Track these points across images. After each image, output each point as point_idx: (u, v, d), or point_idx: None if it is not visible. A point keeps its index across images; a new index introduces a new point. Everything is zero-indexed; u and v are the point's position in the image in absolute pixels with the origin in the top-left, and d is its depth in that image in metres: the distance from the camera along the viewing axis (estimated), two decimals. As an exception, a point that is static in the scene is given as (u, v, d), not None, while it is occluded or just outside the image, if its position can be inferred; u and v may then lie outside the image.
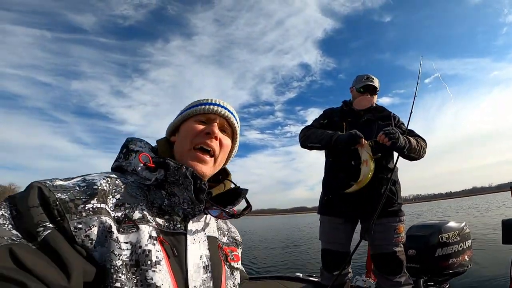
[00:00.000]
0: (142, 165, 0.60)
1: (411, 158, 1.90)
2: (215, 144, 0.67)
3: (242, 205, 0.73)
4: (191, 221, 0.61)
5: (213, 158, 0.68)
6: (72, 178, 0.53)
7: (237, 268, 0.74)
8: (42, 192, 0.44)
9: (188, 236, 0.59)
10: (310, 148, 2.02)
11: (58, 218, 0.44)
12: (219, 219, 0.76)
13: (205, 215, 0.66)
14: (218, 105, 0.71)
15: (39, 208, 0.43)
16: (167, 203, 0.60)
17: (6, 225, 0.41)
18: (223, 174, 0.78)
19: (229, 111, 0.72)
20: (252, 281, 2.97)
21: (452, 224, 2.56)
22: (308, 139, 1.97)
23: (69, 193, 0.47)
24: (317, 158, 2.19)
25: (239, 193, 0.73)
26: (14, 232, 0.41)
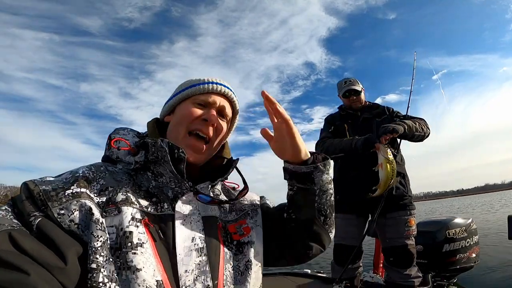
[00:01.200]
0: (122, 151, 0.60)
1: (418, 138, 1.97)
2: (211, 131, 0.65)
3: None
4: (179, 201, 0.58)
5: (208, 145, 0.66)
6: (62, 174, 0.54)
7: (248, 242, 0.65)
8: (28, 186, 0.48)
9: (176, 217, 0.56)
10: (335, 160, 2.15)
11: (42, 207, 0.46)
12: (219, 195, 0.71)
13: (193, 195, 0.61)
14: (217, 83, 0.68)
15: (27, 200, 0.46)
16: (155, 184, 0.59)
17: (8, 216, 0.45)
18: (220, 149, 0.75)
19: (229, 89, 0.70)
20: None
21: (458, 220, 2.59)
22: (329, 151, 2.07)
23: (53, 184, 0.49)
24: None
25: (230, 163, 0.71)
26: (15, 221, 0.44)
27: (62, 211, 0.46)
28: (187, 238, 0.55)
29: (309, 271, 3.19)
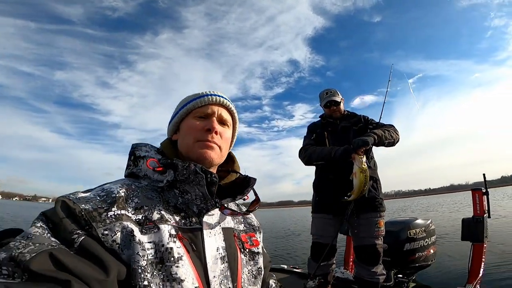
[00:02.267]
0: (151, 170, 0.65)
1: (388, 145, 2.18)
2: (216, 139, 0.70)
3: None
4: (205, 216, 0.65)
5: (218, 146, 0.71)
6: (92, 189, 0.58)
7: (258, 253, 0.76)
8: (67, 204, 0.50)
9: (204, 230, 0.63)
10: (316, 165, 2.35)
11: (86, 227, 0.49)
12: (233, 207, 0.82)
13: (218, 209, 0.69)
14: (213, 94, 0.74)
15: (68, 219, 0.49)
16: (181, 201, 0.64)
17: (45, 234, 0.46)
18: (230, 162, 0.83)
19: (224, 98, 0.75)
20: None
21: (419, 221, 2.87)
22: (312, 159, 2.26)
23: (91, 203, 0.52)
24: None
25: (248, 181, 0.76)
26: (53, 239, 0.46)
27: (106, 232, 0.50)
28: (213, 248, 0.63)
29: (285, 266, 3.37)
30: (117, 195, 0.56)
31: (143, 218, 0.56)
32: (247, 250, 0.74)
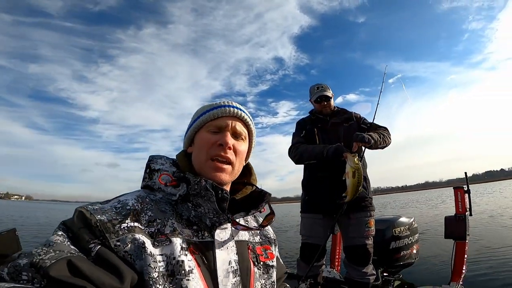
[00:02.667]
0: (163, 184, 0.66)
1: (381, 148, 2.16)
2: (230, 154, 0.69)
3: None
4: (217, 230, 0.65)
5: (230, 165, 0.70)
6: (109, 201, 0.60)
7: (272, 266, 0.75)
8: (84, 215, 0.53)
9: (215, 244, 0.63)
10: (307, 164, 2.27)
11: (101, 237, 0.51)
12: (249, 221, 0.80)
13: (230, 225, 0.69)
14: (227, 106, 0.72)
15: (85, 229, 0.51)
16: (194, 214, 0.65)
17: (66, 242, 0.49)
18: (247, 174, 0.81)
19: (239, 109, 0.73)
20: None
21: (403, 219, 2.88)
22: (303, 158, 2.19)
23: (107, 215, 0.54)
24: (287, 149, 2.37)
25: (263, 195, 0.76)
26: (73, 247, 0.49)
27: (118, 243, 0.52)
28: (225, 262, 0.63)
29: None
30: (131, 207, 0.58)
31: (156, 231, 0.57)
32: (261, 263, 0.73)
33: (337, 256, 3.02)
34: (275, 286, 0.75)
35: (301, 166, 2.37)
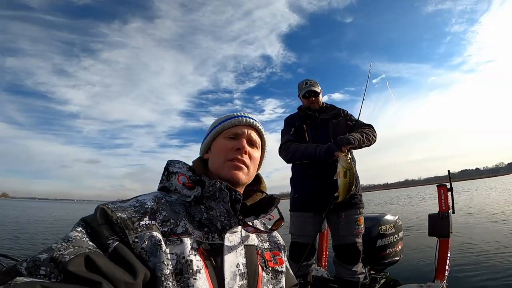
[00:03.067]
0: (181, 185, 0.70)
1: (366, 146, 2.13)
2: (245, 158, 0.74)
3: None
4: (228, 233, 0.68)
5: (246, 167, 0.74)
6: (128, 200, 0.64)
7: (281, 272, 0.77)
8: (106, 212, 0.55)
9: (225, 246, 0.66)
10: (300, 163, 2.22)
11: (120, 233, 0.54)
12: (258, 226, 0.82)
13: (241, 226, 0.72)
14: (243, 116, 0.78)
15: (106, 225, 0.54)
16: (206, 216, 0.68)
17: (84, 238, 0.51)
18: (258, 182, 0.86)
19: (254, 119, 0.79)
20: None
21: (388, 217, 2.89)
22: (295, 157, 2.15)
23: (127, 212, 0.57)
24: (275, 146, 2.31)
25: (272, 201, 0.79)
26: (91, 243, 0.50)
27: (137, 239, 0.54)
28: (233, 264, 0.65)
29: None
30: (149, 206, 0.61)
31: (169, 230, 0.60)
32: (270, 268, 0.75)
33: (324, 254, 3.00)
34: None
35: (289, 164, 2.32)
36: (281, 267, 0.78)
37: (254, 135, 0.79)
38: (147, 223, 0.57)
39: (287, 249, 0.89)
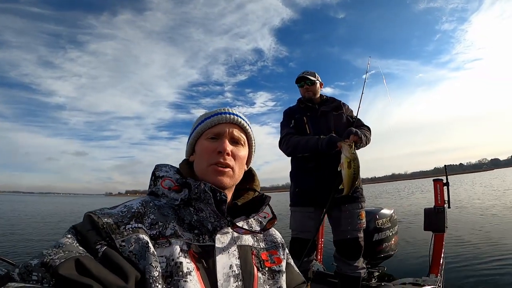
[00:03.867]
0: (167, 189, 0.69)
1: (362, 147, 2.10)
2: (228, 160, 0.71)
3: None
4: (218, 234, 0.67)
5: (231, 169, 0.71)
6: (117, 207, 0.63)
7: (279, 271, 0.75)
8: (92, 218, 0.55)
9: (216, 247, 0.64)
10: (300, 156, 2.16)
11: (107, 238, 0.54)
12: (253, 226, 0.81)
13: (230, 228, 0.69)
14: (223, 113, 0.74)
15: (93, 231, 0.54)
16: (196, 218, 0.67)
17: (74, 243, 0.51)
18: (250, 180, 0.83)
19: (235, 115, 0.75)
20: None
21: (384, 211, 2.85)
22: (297, 150, 2.09)
23: (113, 218, 0.57)
24: (265, 139, 2.24)
25: (264, 199, 0.76)
26: (81, 248, 0.50)
27: (124, 243, 0.54)
28: (225, 266, 0.64)
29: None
30: (136, 210, 0.61)
31: (157, 233, 0.59)
32: (266, 268, 0.73)
33: (319, 248, 2.97)
34: None
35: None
36: (279, 267, 0.75)
37: (237, 132, 0.75)
38: (133, 227, 0.57)
39: (287, 245, 0.85)
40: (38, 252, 0.47)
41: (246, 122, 0.77)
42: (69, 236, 0.53)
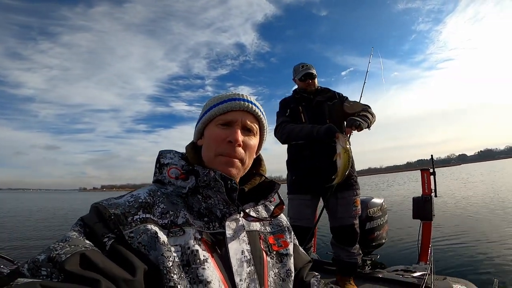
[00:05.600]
0: (173, 179, 0.66)
1: (368, 128, 2.10)
2: (239, 151, 0.67)
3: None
4: (228, 220, 0.66)
5: (240, 161, 0.68)
6: (123, 196, 0.62)
7: (286, 254, 0.74)
8: (99, 210, 0.54)
9: (227, 234, 0.64)
10: (295, 144, 2.21)
11: (115, 230, 0.52)
12: (259, 211, 0.80)
13: (242, 213, 0.68)
14: (237, 99, 0.70)
15: (100, 223, 0.53)
16: (205, 206, 0.65)
17: (81, 237, 0.50)
18: (257, 165, 0.80)
19: (250, 102, 0.70)
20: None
21: (375, 200, 2.89)
22: (291, 137, 2.13)
23: (120, 208, 0.56)
24: None
25: (272, 186, 0.75)
26: (88, 242, 0.49)
27: (132, 234, 0.53)
28: (238, 252, 0.63)
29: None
30: (143, 200, 0.60)
31: (169, 222, 0.59)
32: (274, 252, 0.73)
33: (314, 237, 2.96)
34: (292, 274, 0.73)
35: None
36: (286, 250, 0.75)
37: (250, 121, 0.71)
38: (141, 217, 0.56)
39: (291, 230, 0.84)
40: (46, 247, 0.47)
41: (260, 110, 0.73)
42: (77, 229, 0.52)
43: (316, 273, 0.84)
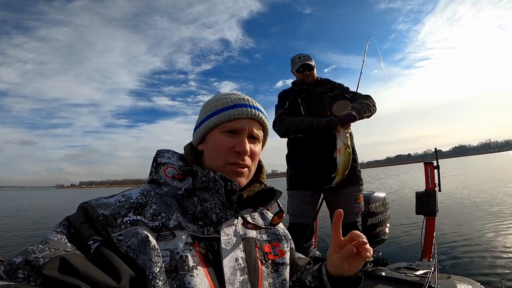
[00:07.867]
0: (169, 178, 0.64)
1: (367, 117, 2.08)
2: (247, 161, 0.66)
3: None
4: (223, 226, 0.63)
5: (248, 169, 0.67)
6: (114, 195, 0.59)
7: (282, 263, 0.73)
8: (86, 210, 0.52)
9: (221, 240, 0.61)
10: (291, 137, 2.14)
11: (103, 232, 0.50)
12: (256, 218, 0.77)
13: (241, 219, 0.66)
14: (244, 105, 0.66)
15: (87, 224, 0.50)
16: (200, 209, 0.63)
17: (63, 240, 0.47)
18: (257, 171, 0.76)
19: (257, 109, 0.67)
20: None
21: (377, 194, 2.76)
22: (290, 130, 2.02)
23: (110, 209, 0.53)
24: None
25: (272, 194, 0.72)
26: (69, 245, 0.47)
27: (121, 237, 0.50)
28: (231, 259, 0.61)
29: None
30: (135, 201, 0.57)
31: (160, 225, 0.56)
32: (269, 261, 0.71)
33: (315, 234, 2.80)
34: (287, 285, 0.71)
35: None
36: (282, 259, 0.74)
37: (256, 129, 0.68)
38: (131, 219, 0.53)
39: (288, 238, 0.81)
40: (23, 249, 0.43)
41: (266, 117, 0.71)
42: (60, 230, 0.49)
43: (304, 257, 0.86)
